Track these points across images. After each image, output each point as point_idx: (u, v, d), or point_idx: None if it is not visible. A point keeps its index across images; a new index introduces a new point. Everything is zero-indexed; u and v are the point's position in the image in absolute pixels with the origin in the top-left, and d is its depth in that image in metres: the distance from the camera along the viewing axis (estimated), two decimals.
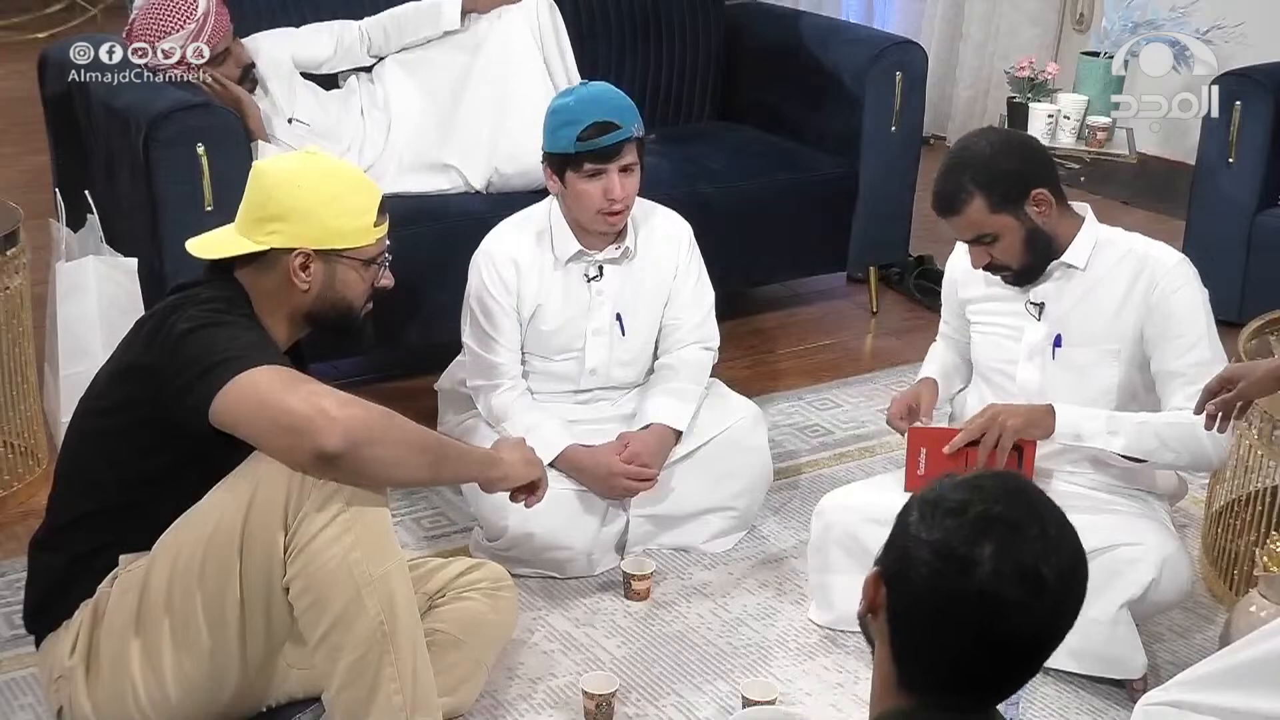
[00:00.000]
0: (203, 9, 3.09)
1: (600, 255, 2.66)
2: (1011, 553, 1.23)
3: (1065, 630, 1.28)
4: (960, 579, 1.23)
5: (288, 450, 1.83)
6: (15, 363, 2.83)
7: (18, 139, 4.89)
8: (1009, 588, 1.22)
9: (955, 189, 2.34)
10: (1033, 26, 5.21)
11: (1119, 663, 2.31)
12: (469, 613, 2.18)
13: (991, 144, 2.38)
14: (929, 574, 1.25)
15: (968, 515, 1.25)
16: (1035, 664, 1.29)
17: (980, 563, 1.23)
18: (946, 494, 1.28)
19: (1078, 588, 1.28)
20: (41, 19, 6.55)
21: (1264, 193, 3.71)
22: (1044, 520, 1.26)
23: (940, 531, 1.25)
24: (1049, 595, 1.24)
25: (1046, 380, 2.44)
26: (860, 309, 4.02)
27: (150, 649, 1.92)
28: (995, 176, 2.33)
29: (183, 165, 2.88)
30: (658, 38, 3.93)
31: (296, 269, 1.97)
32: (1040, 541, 1.24)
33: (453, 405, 2.85)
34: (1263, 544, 2.43)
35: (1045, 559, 1.24)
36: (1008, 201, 2.33)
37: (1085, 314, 2.41)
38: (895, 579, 1.29)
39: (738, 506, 2.74)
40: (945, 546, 1.25)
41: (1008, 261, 2.39)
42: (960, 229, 2.39)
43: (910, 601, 1.28)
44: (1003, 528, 1.24)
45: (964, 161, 2.36)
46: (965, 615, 1.24)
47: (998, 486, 1.29)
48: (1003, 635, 1.24)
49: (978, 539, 1.23)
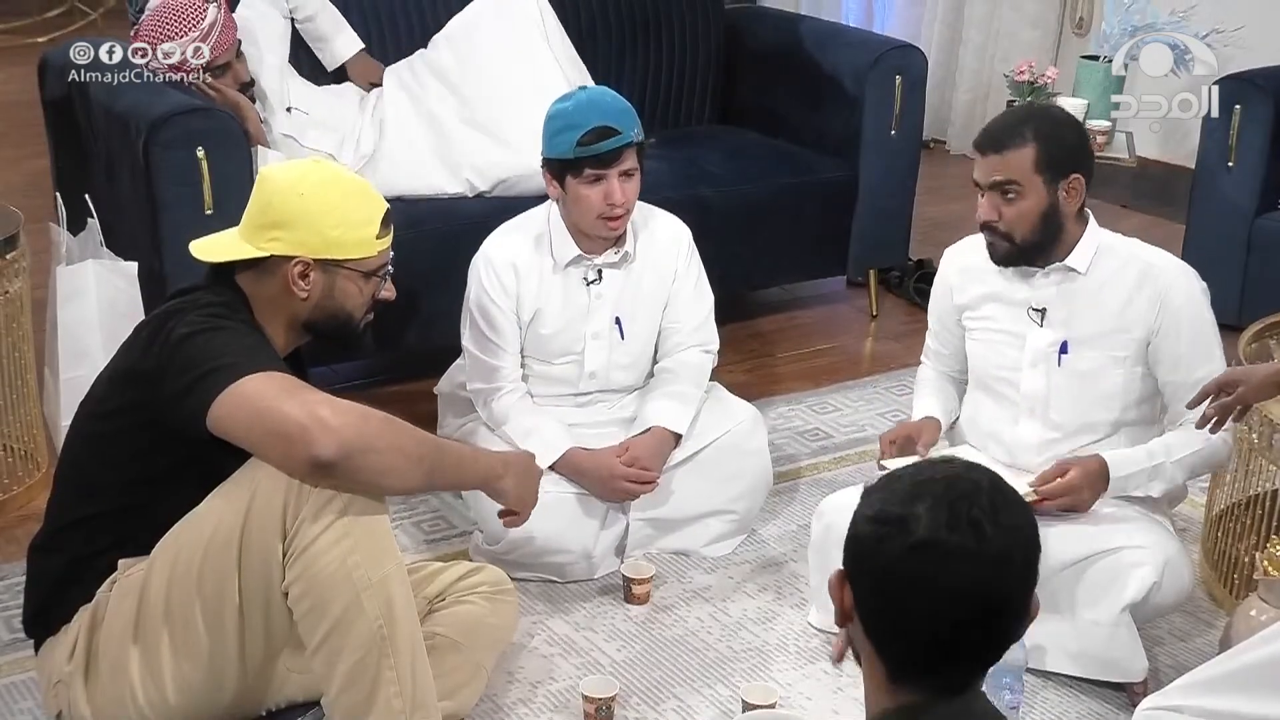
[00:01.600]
0: (210, 19, 3.10)
1: (599, 259, 2.66)
2: (945, 505, 1.28)
3: (1024, 590, 1.30)
4: (900, 537, 1.28)
5: (283, 458, 1.82)
6: (15, 366, 2.83)
7: (18, 143, 4.89)
8: (946, 535, 1.26)
9: (1014, 129, 2.33)
10: (1032, 30, 5.21)
11: (1120, 666, 2.31)
12: (469, 616, 2.18)
13: (1062, 113, 2.42)
14: (873, 543, 1.30)
15: (901, 484, 1.32)
16: (1004, 627, 1.31)
17: (917, 517, 1.27)
18: (882, 478, 1.35)
19: (1024, 541, 1.30)
20: (41, 23, 6.55)
21: (1264, 196, 3.71)
22: (978, 482, 1.31)
23: (876, 504, 1.31)
24: (990, 543, 1.27)
25: (1052, 387, 2.43)
26: (860, 313, 4.02)
27: (149, 653, 1.92)
28: (1055, 139, 2.32)
29: (183, 168, 2.87)
30: (657, 40, 3.93)
31: (295, 277, 1.97)
32: (974, 494, 1.29)
33: (452, 409, 2.85)
34: (1263, 548, 2.42)
35: (981, 509, 1.28)
36: (1051, 168, 2.31)
37: (1090, 319, 2.40)
38: (851, 566, 1.33)
39: (737, 510, 2.74)
40: (882, 514, 1.30)
41: (1013, 229, 2.35)
42: (993, 168, 2.33)
43: (868, 581, 1.31)
44: (936, 486, 1.30)
45: (1032, 113, 2.39)
46: (914, 571, 1.27)
47: (935, 461, 1.37)
48: (955, 589, 1.27)
49: (912, 500, 1.29)
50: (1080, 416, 2.43)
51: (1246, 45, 4.01)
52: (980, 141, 2.37)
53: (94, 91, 3.13)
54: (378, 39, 3.56)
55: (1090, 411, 2.42)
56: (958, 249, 2.58)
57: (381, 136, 3.32)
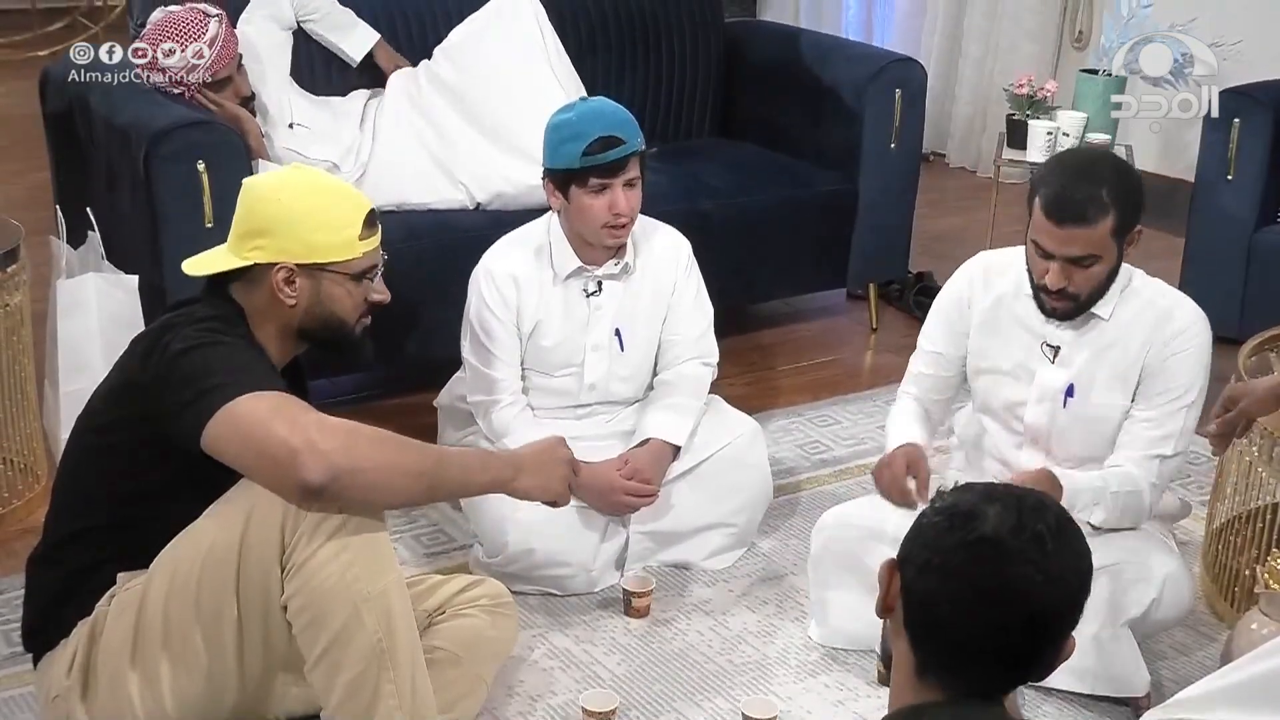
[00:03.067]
0: (213, 32, 3.11)
1: (600, 271, 2.66)
2: (1015, 512, 1.31)
3: (1068, 617, 1.32)
4: (965, 529, 1.31)
5: (273, 482, 1.82)
6: (15, 379, 2.83)
7: (19, 156, 4.89)
8: (1011, 538, 1.30)
9: (1093, 199, 2.18)
10: (1031, 44, 5.22)
11: (1122, 681, 2.30)
12: (468, 630, 2.18)
13: (1122, 166, 2.28)
14: (938, 533, 1.33)
15: (973, 490, 1.35)
16: (1040, 645, 1.32)
17: (985, 516, 1.31)
18: (960, 487, 1.39)
19: (1079, 569, 1.33)
20: (42, 37, 6.57)
21: (1263, 209, 3.71)
22: (1048, 504, 1.35)
23: (950, 500, 1.36)
24: (1049, 558, 1.29)
25: (1055, 425, 2.40)
26: (860, 326, 4.02)
27: (147, 667, 1.91)
28: (1129, 200, 2.21)
29: (183, 182, 2.88)
30: (657, 54, 3.94)
31: (280, 284, 1.97)
32: (1043, 512, 1.32)
33: (452, 421, 2.85)
34: (1263, 561, 2.42)
35: (1048, 525, 1.31)
36: (1124, 228, 2.22)
37: (1103, 368, 2.35)
38: (907, 556, 1.35)
39: (737, 523, 2.74)
40: (953, 508, 1.34)
41: (1080, 289, 2.25)
42: (1073, 242, 2.20)
43: (921, 566, 1.33)
44: (1008, 498, 1.33)
45: (1101, 172, 2.22)
46: (969, 566, 1.30)
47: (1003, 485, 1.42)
48: (1005, 591, 1.29)
49: (985, 501, 1.33)
50: (1082, 452, 2.41)
51: (1246, 58, 4.02)
52: (1059, 211, 2.19)
53: (95, 104, 3.14)
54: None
55: (1093, 449, 2.40)
56: (981, 267, 2.47)
57: (382, 147, 3.32)
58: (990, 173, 4.48)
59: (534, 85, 3.33)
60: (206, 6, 3.16)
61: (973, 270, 2.49)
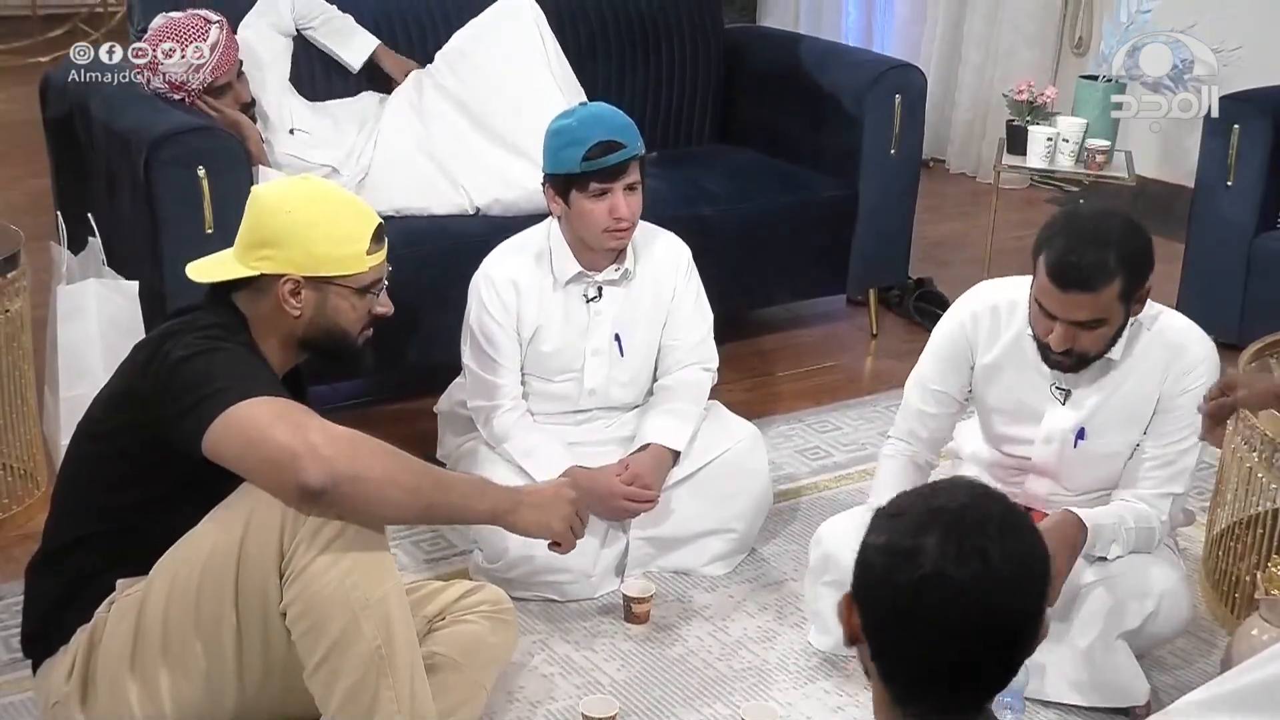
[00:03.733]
0: (213, 38, 3.11)
1: (600, 276, 2.66)
2: (954, 536, 1.28)
3: (1031, 619, 1.31)
4: (909, 568, 1.28)
5: (273, 485, 1.82)
6: (15, 385, 2.83)
7: (19, 162, 4.90)
8: (954, 567, 1.26)
9: (1100, 266, 2.11)
10: (1031, 50, 5.23)
11: (1121, 691, 2.30)
12: (468, 636, 2.17)
13: (1131, 226, 2.18)
14: (882, 574, 1.30)
15: (910, 513, 1.31)
16: (1012, 653, 1.31)
17: (925, 550, 1.27)
18: (897, 502, 1.35)
19: (1033, 569, 1.30)
20: (43, 43, 6.57)
21: (1263, 215, 3.72)
22: (989, 507, 1.31)
23: (886, 533, 1.31)
24: (997, 573, 1.27)
25: (1063, 463, 2.38)
26: (860, 331, 4.02)
27: (147, 674, 1.91)
28: (1137, 263, 2.15)
29: (183, 188, 2.88)
30: (657, 60, 3.95)
31: (286, 295, 1.97)
32: (983, 524, 1.29)
33: (452, 427, 2.85)
34: (1264, 567, 2.42)
35: (989, 538, 1.28)
36: (1131, 291, 2.16)
37: (1114, 410, 2.33)
38: (859, 592, 1.33)
39: (738, 529, 2.74)
40: (891, 544, 1.30)
41: (1087, 348, 2.21)
42: (1079, 308, 2.15)
43: (875, 608, 1.31)
44: (946, 516, 1.29)
45: (1108, 235, 2.13)
46: (922, 604, 1.27)
47: (947, 485, 1.35)
48: (964, 619, 1.27)
49: (921, 531, 1.29)
50: (1091, 485, 2.41)
51: (1245, 65, 4.02)
52: (1063, 276, 2.13)
53: (95, 110, 3.14)
54: None
55: (1101, 481, 2.40)
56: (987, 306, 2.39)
57: (383, 152, 3.33)
58: (990, 178, 4.48)
59: (534, 89, 3.33)
60: (208, 13, 3.16)
61: (977, 307, 2.41)
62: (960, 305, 2.45)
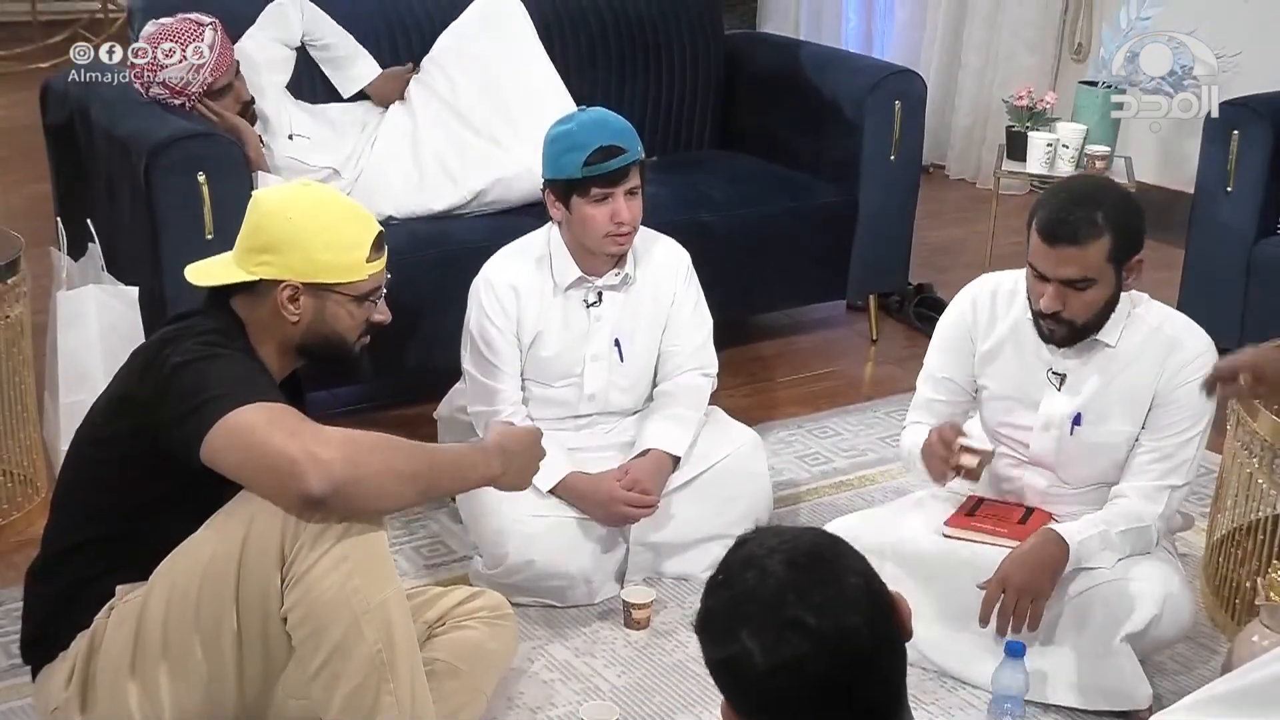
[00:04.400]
0: (209, 37, 3.12)
1: (600, 281, 2.66)
2: (763, 622, 1.24)
3: (887, 635, 1.26)
4: (748, 673, 1.24)
5: (274, 493, 1.82)
6: (15, 391, 2.83)
7: (19, 168, 4.90)
8: (781, 652, 1.22)
9: (1087, 220, 2.18)
10: (1031, 55, 5.23)
11: (1124, 695, 2.30)
12: (468, 641, 2.17)
13: (1122, 194, 2.27)
14: (732, 684, 1.27)
15: (716, 615, 1.29)
16: (888, 673, 1.26)
17: (749, 651, 1.24)
18: (707, 600, 1.33)
19: (855, 602, 1.24)
20: (44, 49, 6.58)
21: (1262, 221, 3.71)
22: (779, 576, 1.26)
23: (709, 645, 1.29)
24: (821, 631, 1.22)
25: (1061, 453, 2.39)
26: (860, 337, 4.02)
27: (147, 680, 1.91)
28: (1126, 225, 2.21)
29: (183, 193, 2.88)
30: (657, 65, 3.95)
31: (285, 301, 1.97)
32: (780, 595, 1.24)
33: (452, 433, 2.85)
34: (1264, 573, 2.42)
35: (792, 606, 1.23)
36: (1121, 255, 2.21)
37: (1110, 397, 2.34)
38: (729, 701, 1.29)
39: (738, 534, 2.72)
40: (717, 656, 1.27)
41: (1075, 315, 2.24)
42: (1066, 262, 2.20)
43: (749, 710, 1.27)
44: (748, 608, 1.25)
45: (1098, 197, 2.22)
46: (778, 693, 1.23)
47: (741, 565, 1.31)
48: (823, 684, 1.23)
49: (733, 635, 1.25)
50: (1090, 477, 2.41)
51: (1245, 71, 4.02)
52: (1052, 232, 2.20)
53: (95, 116, 3.15)
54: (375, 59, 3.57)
55: (1101, 474, 2.40)
56: (988, 291, 2.45)
57: (380, 155, 3.33)
58: (990, 184, 4.48)
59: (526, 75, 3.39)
60: (199, 16, 3.17)
61: (977, 292, 2.47)
62: (963, 293, 2.50)
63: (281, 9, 3.37)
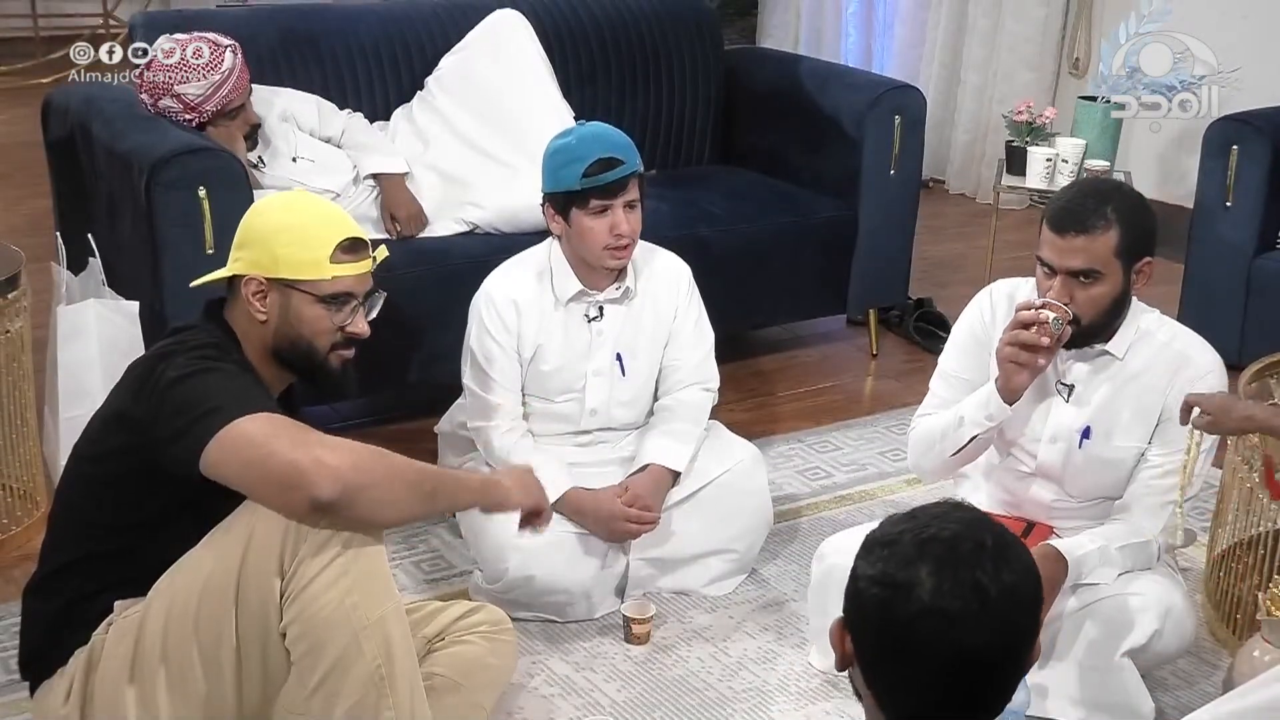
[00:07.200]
0: (228, 65, 3.12)
1: (601, 295, 2.66)
2: (948, 568, 1.27)
3: (1027, 641, 1.31)
4: (905, 603, 1.27)
5: (281, 501, 1.81)
6: (15, 406, 2.83)
7: (20, 183, 4.91)
8: (951, 601, 1.26)
9: (1097, 210, 2.19)
10: (1030, 71, 5.24)
11: (1127, 710, 2.29)
12: (468, 656, 2.17)
13: (1135, 194, 2.28)
14: (877, 606, 1.29)
15: (903, 542, 1.30)
16: (1008, 679, 1.31)
17: (920, 583, 1.27)
18: (887, 528, 1.34)
19: (1028, 597, 1.30)
20: (44, 65, 6.59)
21: (1262, 235, 3.72)
22: (980, 535, 1.30)
23: (880, 563, 1.30)
24: (994, 604, 1.26)
25: (1069, 465, 2.38)
26: (860, 352, 4.02)
27: (145, 696, 1.90)
28: (1136, 222, 2.21)
29: (184, 208, 2.88)
30: (657, 81, 3.96)
31: (249, 296, 1.99)
32: (976, 554, 1.28)
33: (453, 448, 2.85)
34: (1265, 588, 2.41)
35: (983, 569, 1.27)
36: (1130, 253, 2.21)
37: (1119, 411, 2.33)
38: (853, 621, 1.33)
39: (738, 549, 2.73)
40: (885, 576, 1.29)
41: (1082, 312, 2.23)
42: (1074, 252, 2.20)
43: (870, 638, 1.31)
44: (938, 546, 1.29)
45: (1110, 192, 2.24)
46: (919, 637, 1.27)
47: (936, 512, 1.34)
48: (959, 650, 1.27)
49: (914, 562, 1.28)
50: (1095, 490, 2.40)
51: (1244, 86, 4.03)
52: (1060, 221, 2.20)
53: (96, 132, 3.15)
54: (378, 79, 3.59)
55: (1106, 488, 2.39)
56: (1004, 294, 2.45)
57: None
58: (990, 199, 4.49)
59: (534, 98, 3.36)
60: (217, 37, 3.15)
61: (994, 296, 2.47)
62: (980, 296, 2.50)
63: (333, 113, 3.37)
